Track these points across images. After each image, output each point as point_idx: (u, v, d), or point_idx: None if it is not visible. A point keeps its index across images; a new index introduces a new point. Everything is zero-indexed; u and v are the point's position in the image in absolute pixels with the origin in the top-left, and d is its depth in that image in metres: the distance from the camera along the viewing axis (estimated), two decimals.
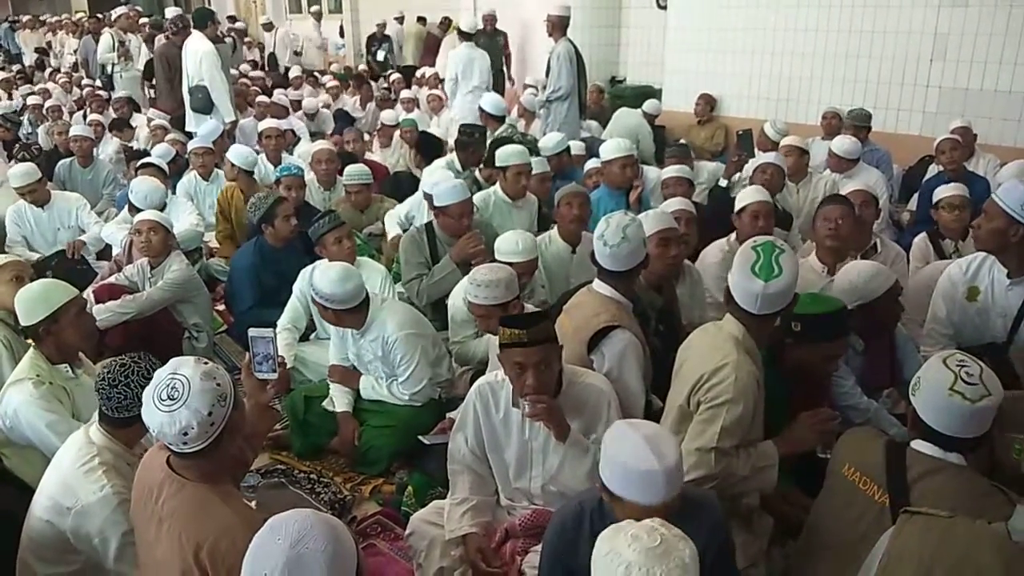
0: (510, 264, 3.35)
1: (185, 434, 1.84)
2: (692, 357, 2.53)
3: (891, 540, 1.57)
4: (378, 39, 13.21)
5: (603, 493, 1.89)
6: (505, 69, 10.05)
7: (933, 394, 1.89)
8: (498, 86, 9.14)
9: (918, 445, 1.96)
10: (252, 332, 2.31)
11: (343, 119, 9.41)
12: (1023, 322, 3.07)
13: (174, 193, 5.69)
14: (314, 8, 14.29)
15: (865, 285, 2.99)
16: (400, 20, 13.43)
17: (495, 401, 2.58)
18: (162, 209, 4.63)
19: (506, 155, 4.64)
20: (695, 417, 2.41)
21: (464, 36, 8.20)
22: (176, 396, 1.85)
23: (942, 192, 4.23)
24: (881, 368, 3.10)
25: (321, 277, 3.27)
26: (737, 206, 3.91)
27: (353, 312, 3.31)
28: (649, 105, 7.97)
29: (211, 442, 1.88)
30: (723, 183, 5.24)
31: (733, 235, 3.95)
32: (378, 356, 3.42)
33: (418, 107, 9.15)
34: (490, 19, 9.77)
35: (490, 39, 9.37)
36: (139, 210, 4.61)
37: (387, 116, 7.86)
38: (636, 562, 1.43)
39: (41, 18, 17.34)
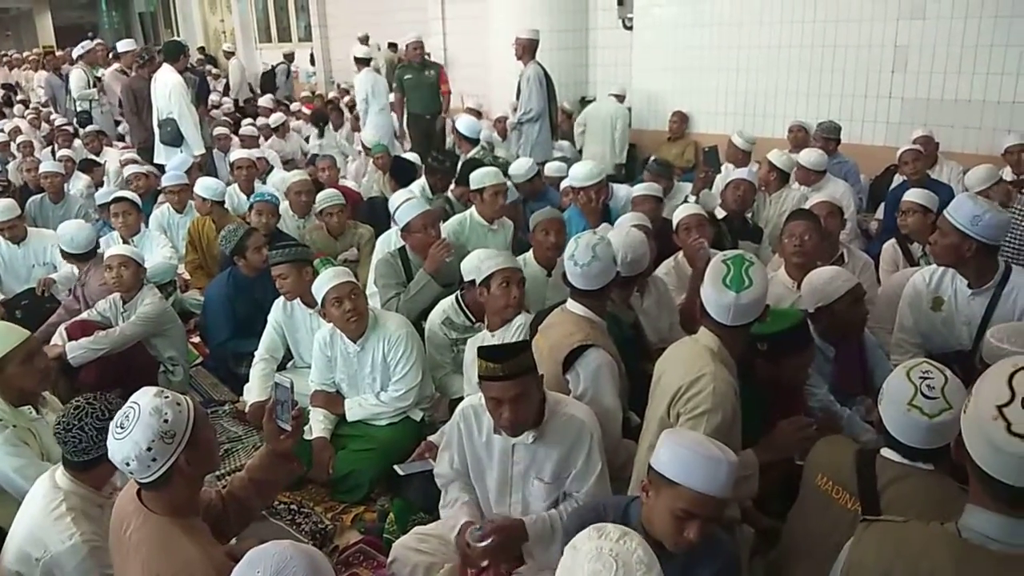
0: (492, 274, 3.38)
1: (127, 464, 1.84)
2: (669, 370, 2.55)
3: (851, 550, 1.59)
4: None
5: (648, 486, 1.91)
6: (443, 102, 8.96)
7: (893, 408, 1.91)
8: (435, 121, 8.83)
9: (887, 452, 1.99)
10: (276, 378, 2.30)
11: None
12: (987, 330, 3.12)
13: (147, 226, 5.66)
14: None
15: (825, 286, 3.05)
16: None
17: (478, 425, 2.58)
18: (94, 249, 4.54)
19: (480, 177, 4.63)
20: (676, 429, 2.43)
21: (362, 62, 8.65)
22: (125, 425, 1.86)
23: (905, 196, 4.32)
24: (852, 375, 3.15)
25: None
26: (674, 225, 4.03)
27: None
28: (616, 87, 8.54)
29: (159, 477, 1.86)
30: (691, 199, 5.30)
31: (680, 253, 4.04)
32: (378, 364, 3.47)
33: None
34: (417, 47, 8.62)
35: (418, 73, 8.57)
36: (71, 255, 4.53)
37: None
38: None
39: (7, 54, 17.25)
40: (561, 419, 2.47)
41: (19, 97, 13.95)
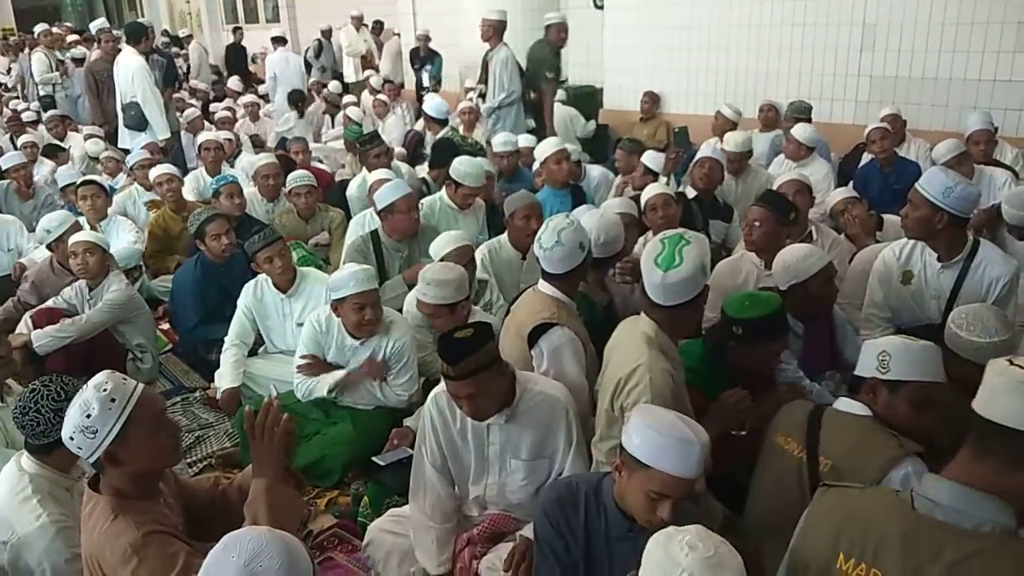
0: (442, 258, 3.40)
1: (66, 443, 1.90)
2: (613, 359, 2.57)
3: (808, 511, 1.67)
4: (421, 57, 10.65)
5: (621, 466, 1.92)
6: None
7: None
8: None
9: (839, 404, 2.14)
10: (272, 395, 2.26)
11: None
12: (956, 303, 3.16)
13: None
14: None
15: (798, 264, 3.06)
16: (358, 21, 12.80)
17: (451, 411, 2.50)
18: None
19: (463, 174, 4.51)
20: (622, 422, 2.43)
21: (279, 41, 9.84)
22: (69, 405, 1.90)
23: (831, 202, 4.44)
24: (822, 351, 3.17)
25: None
26: (642, 205, 4.03)
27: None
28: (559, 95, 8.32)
29: (91, 463, 1.90)
30: (663, 179, 5.30)
31: (650, 234, 4.02)
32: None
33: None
34: (562, 31, 6.92)
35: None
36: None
37: None
38: (691, 570, 1.45)
39: None
40: (534, 398, 2.45)
41: None
